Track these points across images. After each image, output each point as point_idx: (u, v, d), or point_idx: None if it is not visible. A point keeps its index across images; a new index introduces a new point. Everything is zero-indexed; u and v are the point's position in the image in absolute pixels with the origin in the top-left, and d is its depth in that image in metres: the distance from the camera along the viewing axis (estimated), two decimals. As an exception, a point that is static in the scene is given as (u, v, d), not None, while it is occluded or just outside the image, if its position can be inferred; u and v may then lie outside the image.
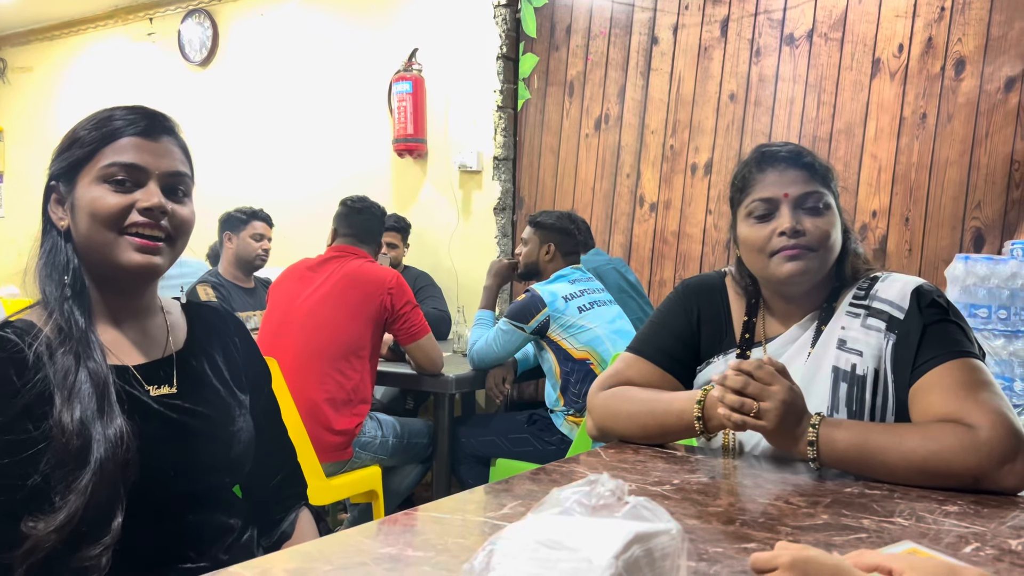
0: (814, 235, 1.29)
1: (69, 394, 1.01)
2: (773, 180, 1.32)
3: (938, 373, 1.20)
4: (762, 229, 1.32)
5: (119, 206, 1.08)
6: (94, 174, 1.09)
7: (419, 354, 2.80)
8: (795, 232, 1.29)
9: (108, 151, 1.09)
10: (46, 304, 1.09)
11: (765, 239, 1.31)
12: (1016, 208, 2.87)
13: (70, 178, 1.10)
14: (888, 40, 3.10)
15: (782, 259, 1.30)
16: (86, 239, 1.09)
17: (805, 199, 1.30)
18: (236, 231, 3.44)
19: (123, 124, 1.11)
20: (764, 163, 1.34)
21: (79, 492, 0.98)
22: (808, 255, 1.29)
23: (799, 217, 1.30)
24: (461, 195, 4.08)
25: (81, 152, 1.10)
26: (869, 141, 3.14)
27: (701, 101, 3.50)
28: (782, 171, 1.32)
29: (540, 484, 1.14)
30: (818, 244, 1.30)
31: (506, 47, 3.93)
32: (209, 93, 4.92)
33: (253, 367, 1.29)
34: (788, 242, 1.29)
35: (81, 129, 1.11)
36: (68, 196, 1.10)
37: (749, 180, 1.35)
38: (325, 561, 0.86)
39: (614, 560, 0.61)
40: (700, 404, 1.27)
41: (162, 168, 1.11)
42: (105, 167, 1.08)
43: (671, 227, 3.57)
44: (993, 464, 1.10)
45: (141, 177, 1.10)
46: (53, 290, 1.08)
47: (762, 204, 1.32)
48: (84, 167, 1.09)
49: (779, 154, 1.33)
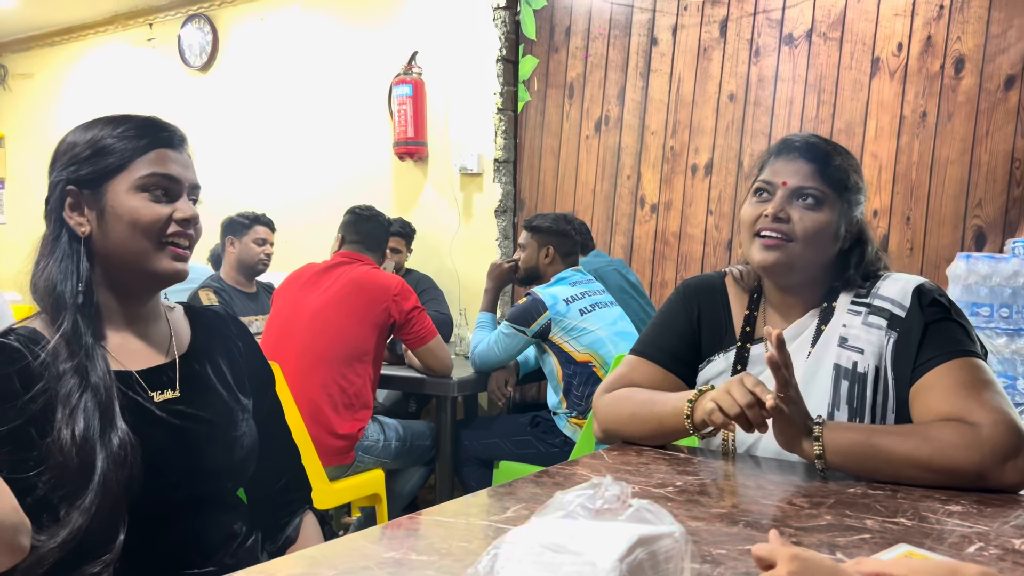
0: (796, 227, 1.30)
1: (71, 410, 1.01)
2: (780, 167, 1.34)
3: (939, 372, 1.21)
4: (755, 208, 1.34)
5: (160, 217, 1.11)
6: (131, 183, 1.10)
7: (429, 357, 2.81)
8: (776, 218, 1.30)
9: (143, 162, 1.11)
10: (55, 311, 1.09)
11: (754, 217, 1.33)
12: (1017, 206, 2.87)
13: (96, 185, 1.10)
14: (887, 39, 3.10)
15: (760, 245, 1.32)
16: (119, 246, 1.10)
17: (802, 191, 1.31)
18: (239, 236, 3.45)
19: (151, 135, 1.13)
20: (782, 150, 1.36)
21: (83, 510, 0.98)
22: (785, 246, 1.30)
23: (789, 205, 1.31)
24: (462, 198, 4.09)
25: (111, 161, 1.10)
26: (869, 140, 3.14)
27: (701, 102, 3.50)
28: (791, 160, 1.33)
29: (543, 487, 1.14)
30: (798, 236, 1.30)
31: (506, 49, 3.94)
32: (209, 98, 4.92)
33: (256, 371, 1.30)
34: (769, 226, 1.30)
35: (104, 136, 1.11)
36: (95, 204, 1.11)
37: (765, 163, 1.38)
38: (329, 566, 0.86)
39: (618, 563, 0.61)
40: (691, 403, 1.27)
41: (190, 180, 1.15)
42: (145, 177, 1.10)
43: (672, 228, 3.57)
44: (996, 461, 1.11)
45: (176, 188, 1.13)
46: (64, 298, 1.08)
47: (763, 185, 1.35)
48: (116, 176, 1.10)
49: (797, 143, 1.35)
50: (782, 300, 1.39)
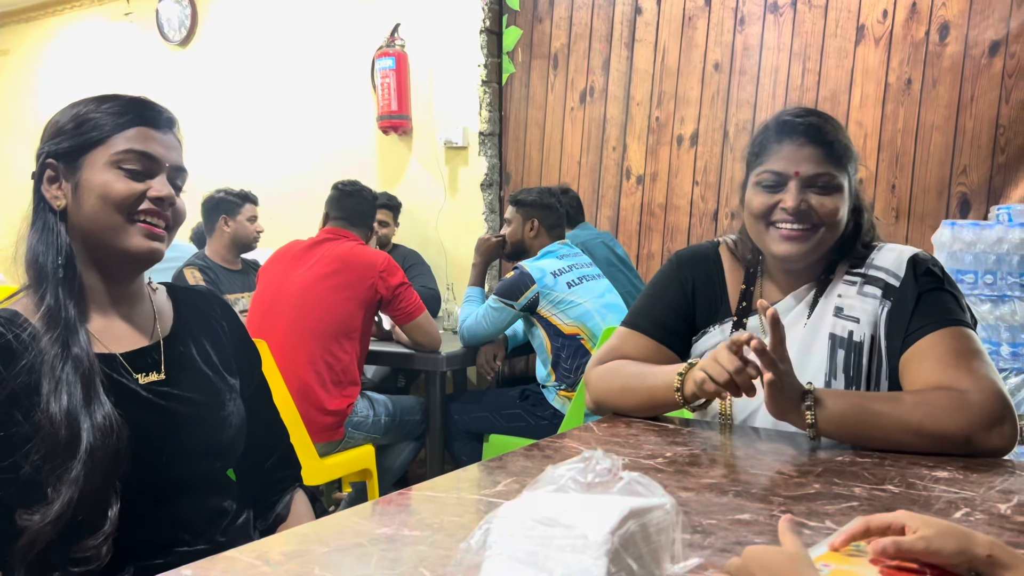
0: (820, 213, 1.29)
1: (56, 383, 1.01)
2: (787, 154, 1.30)
3: (930, 341, 1.22)
4: (768, 198, 1.31)
5: (134, 192, 1.09)
6: (106, 158, 1.09)
7: (417, 332, 2.82)
8: (798, 213, 1.28)
9: (121, 138, 1.09)
10: (37, 284, 1.08)
11: (768, 209, 1.31)
12: (1002, 173, 2.88)
13: (73, 159, 1.09)
14: (872, 6, 3.08)
15: (780, 237, 1.30)
16: (91, 221, 1.09)
17: (816, 179, 1.29)
18: (232, 215, 3.42)
19: (134, 112, 1.11)
20: (783, 133, 1.31)
21: (70, 483, 0.98)
22: (810, 236, 1.29)
23: (806, 196, 1.29)
24: (447, 171, 4.06)
25: (91, 135, 1.09)
26: (854, 108, 3.13)
27: (686, 71, 3.48)
28: (799, 146, 1.29)
29: (534, 460, 1.15)
30: (823, 222, 1.29)
31: (489, 20, 3.89)
32: (189, 73, 4.85)
33: (242, 350, 1.29)
34: (789, 220, 1.29)
35: (89, 112, 1.11)
36: (71, 177, 1.10)
37: (766, 147, 1.33)
38: (321, 543, 0.86)
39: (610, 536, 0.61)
40: (681, 376, 1.27)
41: (171, 161, 1.13)
42: (120, 152, 1.09)
43: (658, 199, 3.57)
44: (983, 426, 1.14)
45: (154, 167, 1.11)
46: (46, 270, 1.08)
47: (772, 176, 1.31)
48: (93, 150, 1.09)
49: (799, 127, 1.31)
50: (784, 276, 1.39)
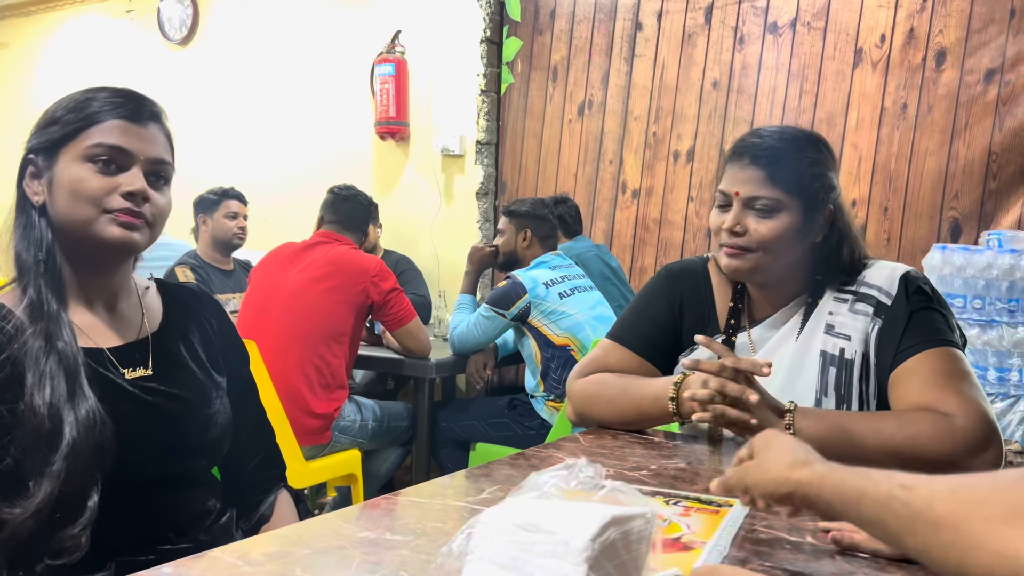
0: (753, 237, 1.29)
1: (40, 376, 1.00)
2: (733, 175, 1.32)
3: (918, 360, 1.22)
4: (718, 218, 1.34)
5: (102, 188, 1.07)
6: (78, 152, 1.07)
7: (407, 338, 2.82)
8: (732, 232, 1.31)
9: (94, 131, 1.08)
10: (20, 279, 1.08)
11: (717, 228, 1.34)
12: (993, 199, 2.90)
13: (50, 154, 1.09)
14: (871, 30, 3.11)
15: (725, 254, 1.33)
16: (65, 215, 1.08)
17: (753, 201, 1.30)
18: (209, 213, 3.42)
19: (111, 106, 1.10)
20: (734, 153, 1.34)
21: (52, 476, 0.98)
22: (746, 255, 1.31)
23: (744, 217, 1.30)
24: (443, 179, 4.07)
25: (65, 129, 1.08)
26: (850, 130, 3.15)
27: (684, 88, 3.50)
28: (743, 167, 1.31)
29: (519, 469, 1.15)
30: (757, 246, 1.30)
31: (490, 30, 3.91)
32: (189, 72, 4.85)
33: (230, 349, 1.29)
34: (727, 240, 1.31)
35: (66, 106, 1.10)
36: (46, 171, 1.09)
37: (723, 168, 1.37)
38: (304, 545, 0.86)
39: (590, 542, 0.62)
40: (676, 387, 1.28)
41: (147, 154, 1.10)
42: (91, 147, 1.07)
43: (653, 214, 3.58)
44: (968, 452, 1.12)
45: (126, 161, 1.09)
46: (28, 264, 1.07)
47: (721, 196, 1.34)
48: (67, 144, 1.08)
49: (748, 148, 1.32)
50: (761, 293, 1.40)
